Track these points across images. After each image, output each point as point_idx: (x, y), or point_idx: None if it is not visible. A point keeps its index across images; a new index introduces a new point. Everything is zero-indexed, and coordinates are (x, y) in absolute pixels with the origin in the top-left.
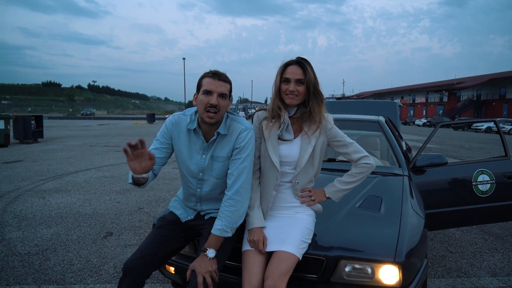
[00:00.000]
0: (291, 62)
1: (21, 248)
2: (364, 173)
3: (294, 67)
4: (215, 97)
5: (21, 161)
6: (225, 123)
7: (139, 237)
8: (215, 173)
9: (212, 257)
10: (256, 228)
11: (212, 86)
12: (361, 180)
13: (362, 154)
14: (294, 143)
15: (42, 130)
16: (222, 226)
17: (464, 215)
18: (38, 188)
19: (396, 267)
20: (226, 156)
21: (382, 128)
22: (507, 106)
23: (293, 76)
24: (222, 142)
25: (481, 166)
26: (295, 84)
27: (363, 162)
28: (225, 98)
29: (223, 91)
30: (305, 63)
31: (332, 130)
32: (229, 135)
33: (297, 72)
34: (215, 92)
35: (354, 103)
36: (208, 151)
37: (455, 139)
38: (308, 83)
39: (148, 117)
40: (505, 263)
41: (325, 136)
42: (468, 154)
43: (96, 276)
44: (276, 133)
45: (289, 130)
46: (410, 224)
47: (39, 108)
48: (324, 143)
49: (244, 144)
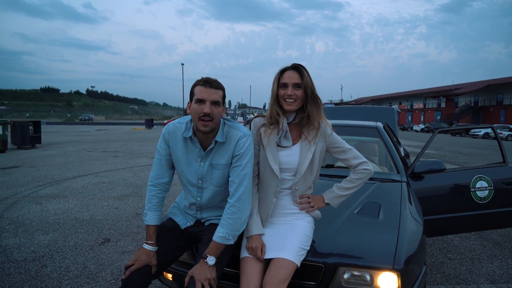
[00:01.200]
0: (288, 68)
1: (18, 255)
2: (362, 179)
3: (291, 72)
4: (208, 106)
5: (19, 166)
6: (222, 131)
7: (136, 243)
8: (214, 181)
9: (211, 265)
10: (255, 235)
11: (204, 95)
12: (359, 186)
13: (361, 160)
14: (293, 149)
15: (40, 136)
16: (224, 233)
17: (462, 221)
18: (35, 194)
19: (395, 274)
20: (225, 163)
21: (380, 134)
22: (505, 112)
23: (291, 80)
24: (221, 149)
25: (479, 172)
26: (293, 89)
27: (361, 168)
28: (218, 105)
29: (215, 99)
30: (301, 68)
31: (332, 136)
32: (227, 142)
33: (294, 76)
34: (207, 100)
35: (352, 109)
36: (206, 159)
37: (453, 145)
38: (305, 87)
39: (146, 123)
40: (504, 269)
41: (324, 142)
42: (466, 160)
43: (93, 283)
44: (274, 140)
45: (287, 136)
46: (408, 230)
47: (37, 114)
48: (323, 149)
49: (243, 150)
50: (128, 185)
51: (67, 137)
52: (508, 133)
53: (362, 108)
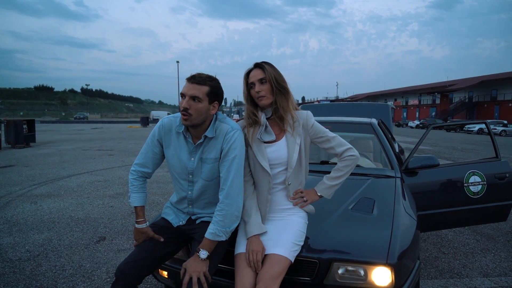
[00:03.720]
0: (251, 68)
1: (12, 254)
2: (350, 166)
3: (254, 70)
4: (186, 100)
5: (13, 165)
6: (213, 126)
7: (132, 241)
8: (204, 175)
9: (204, 258)
10: (255, 238)
11: (185, 89)
12: (348, 173)
13: (346, 146)
14: (280, 144)
15: (34, 135)
16: (215, 230)
17: (456, 216)
18: (30, 193)
19: (388, 269)
20: (214, 158)
21: (375, 130)
22: (498, 107)
23: (255, 78)
24: (209, 144)
25: (473, 168)
26: (259, 85)
27: (347, 154)
28: (199, 101)
29: (194, 94)
30: (262, 64)
31: (314, 127)
32: (216, 137)
33: (257, 73)
34: (186, 95)
35: (347, 105)
36: (196, 153)
37: (448, 140)
38: (269, 80)
39: (142, 121)
40: (497, 263)
41: (307, 134)
42: (461, 155)
43: (88, 282)
44: (257, 137)
45: (268, 131)
46: (402, 225)
47: (31, 112)
48: (307, 141)
49: (230, 144)
50: (123, 184)
51: (62, 135)
52: (502, 128)
53: (357, 104)
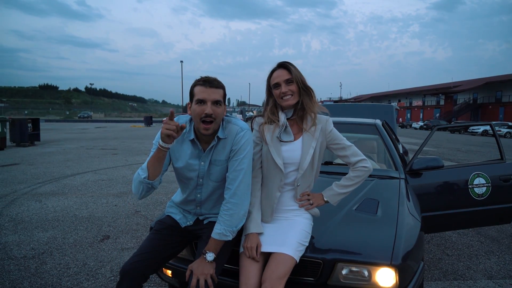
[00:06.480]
0: (275, 68)
1: (17, 252)
2: (361, 177)
3: (279, 71)
4: (209, 106)
5: (18, 164)
6: (223, 127)
7: (136, 240)
8: (213, 177)
9: (210, 261)
10: (252, 234)
11: (205, 95)
12: (358, 184)
13: (360, 157)
14: (295, 144)
15: (38, 133)
16: (221, 230)
17: (460, 218)
18: (34, 191)
19: (392, 270)
20: (224, 159)
21: (379, 131)
22: (503, 109)
23: (281, 78)
24: (219, 145)
25: (477, 169)
26: (286, 85)
27: (360, 165)
28: (220, 104)
29: (216, 98)
30: (287, 64)
31: (332, 133)
32: (225, 137)
33: (283, 73)
34: (208, 101)
35: (351, 106)
36: (207, 157)
37: (452, 142)
38: (296, 80)
39: (145, 120)
40: (501, 265)
41: (324, 138)
42: (465, 157)
43: (92, 280)
44: (276, 135)
45: (288, 131)
46: (406, 227)
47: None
48: (323, 145)
49: (240, 145)
50: (127, 183)
51: (66, 134)
52: (506, 130)
53: (361, 105)
